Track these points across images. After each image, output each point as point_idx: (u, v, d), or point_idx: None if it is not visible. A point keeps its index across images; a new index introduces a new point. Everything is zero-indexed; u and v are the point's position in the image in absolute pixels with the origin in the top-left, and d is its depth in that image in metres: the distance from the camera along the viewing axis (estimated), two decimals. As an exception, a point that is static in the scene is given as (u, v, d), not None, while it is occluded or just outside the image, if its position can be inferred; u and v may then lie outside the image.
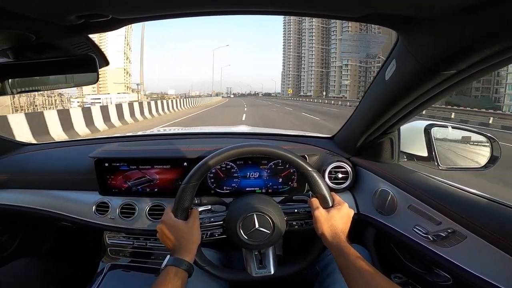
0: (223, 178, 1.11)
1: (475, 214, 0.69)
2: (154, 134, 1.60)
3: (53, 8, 0.47)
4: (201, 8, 0.54)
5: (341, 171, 1.09)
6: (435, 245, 0.76)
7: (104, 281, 1.07)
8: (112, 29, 0.59)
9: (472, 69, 0.56)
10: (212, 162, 0.79)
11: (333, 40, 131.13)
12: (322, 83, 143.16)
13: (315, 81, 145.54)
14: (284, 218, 0.82)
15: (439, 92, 0.68)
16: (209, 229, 0.82)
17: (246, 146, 0.80)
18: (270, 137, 1.41)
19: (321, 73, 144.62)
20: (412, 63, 0.63)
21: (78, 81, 0.70)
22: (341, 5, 0.51)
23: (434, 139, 0.99)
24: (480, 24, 0.46)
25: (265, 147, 0.81)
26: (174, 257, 0.70)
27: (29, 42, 0.59)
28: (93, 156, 1.10)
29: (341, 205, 0.78)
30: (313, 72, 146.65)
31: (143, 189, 1.12)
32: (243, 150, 0.80)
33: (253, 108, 25.59)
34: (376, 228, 1.02)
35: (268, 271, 0.81)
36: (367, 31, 27.40)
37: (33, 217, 1.20)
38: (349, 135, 1.14)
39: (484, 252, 0.64)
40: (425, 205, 0.80)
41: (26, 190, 1.19)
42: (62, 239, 1.53)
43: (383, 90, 0.81)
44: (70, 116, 8.48)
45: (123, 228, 1.11)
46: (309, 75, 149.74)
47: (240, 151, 0.80)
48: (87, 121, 9.18)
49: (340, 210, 0.77)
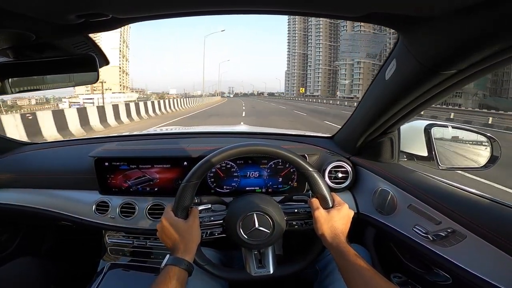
0: (223, 178, 1.11)
1: (475, 213, 0.69)
2: (154, 133, 1.60)
3: (53, 8, 0.47)
4: (202, 8, 0.54)
5: (341, 171, 1.09)
6: (435, 244, 0.76)
7: (104, 281, 1.07)
8: (112, 28, 0.59)
9: (472, 69, 0.56)
10: (213, 161, 0.79)
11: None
12: (330, 82, 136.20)
13: (322, 80, 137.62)
14: (284, 218, 0.83)
15: (439, 92, 0.68)
16: (209, 228, 0.82)
17: (247, 145, 0.80)
18: (270, 136, 1.41)
19: (329, 72, 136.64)
20: (412, 63, 0.63)
21: (78, 80, 0.70)
22: (342, 5, 0.51)
23: (434, 138, 0.99)
24: (480, 24, 0.46)
25: (266, 147, 0.81)
26: (174, 257, 0.70)
27: (29, 42, 0.59)
28: (93, 156, 1.10)
29: (341, 206, 0.78)
30: (320, 71, 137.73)
31: (143, 189, 1.12)
32: (243, 150, 0.80)
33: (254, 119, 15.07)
34: (376, 228, 1.02)
35: (268, 271, 0.81)
36: (380, 30, 25.78)
37: (33, 216, 1.20)
38: (349, 134, 1.14)
39: (484, 252, 0.64)
40: (425, 204, 0.80)
41: (26, 189, 1.19)
42: (62, 238, 1.53)
43: (383, 90, 0.81)
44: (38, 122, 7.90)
45: (123, 228, 1.12)
46: (316, 74, 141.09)
47: (240, 150, 0.80)
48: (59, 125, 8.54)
49: (340, 211, 0.77)
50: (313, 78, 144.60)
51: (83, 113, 9.95)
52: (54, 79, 0.68)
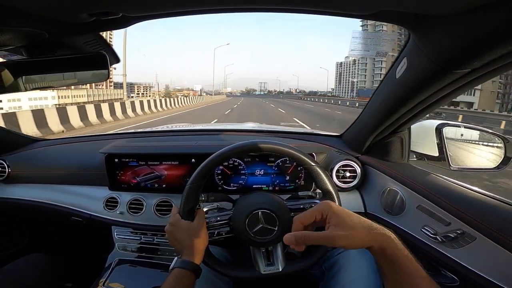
0: (230, 175, 1.12)
1: (485, 215, 0.67)
2: (162, 130, 1.61)
3: (65, 7, 0.48)
4: (211, 6, 0.54)
5: (349, 170, 1.08)
6: (444, 246, 0.75)
7: (111, 276, 1.09)
8: (123, 26, 0.59)
9: (486, 68, 0.55)
10: (216, 161, 0.79)
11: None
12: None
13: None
14: (291, 214, 0.82)
15: (451, 91, 0.66)
16: (216, 228, 0.82)
17: (249, 143, 0.80)
18: (278, 134, 1.40)
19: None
20: (424, 61, 0.61)
21: (89, 78, 0.71)
22: (352, 3, 0.51)
23: (446, 138, 0.97)
24: (493, 22, 0.44)
25: (268, 144, 0.81)
26: (182, 259, 0.70)
27: (42, 40, 0.60)
28: (104, 152, 1.12)
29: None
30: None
31: (151, 185, 1.13)
32: (246, 148, 0.80)
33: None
34: None
35: (277, 268, 0.81)
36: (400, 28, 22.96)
37: (44, 211, 1.23)
38: (358, 133, 1.13)
39: (494, 254, 0.63)
40: (435, 205, 0.79)
41: (38, 185, 1.22)
42: (71, 234, 1.56)
43: (394, 89, 0.79)
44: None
45: (131, 224, 1.13)
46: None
47: (243, 149, 0.80)
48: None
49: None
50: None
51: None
52: (66, 76, 0.69)
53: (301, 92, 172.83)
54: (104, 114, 11.11)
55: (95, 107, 10.80)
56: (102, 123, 10.61)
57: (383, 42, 0.97)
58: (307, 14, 0.57)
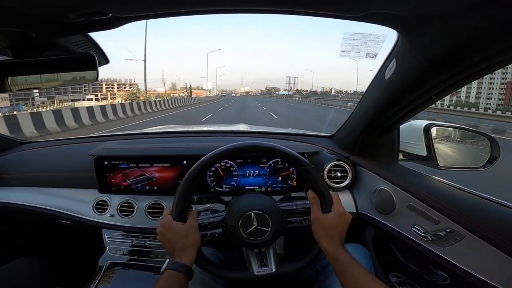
0: (222, 177, 1.11)
1: (473, 214, 0.69)
2: (153, 132, 1.60)
3: (53, 7, 0.47)
4: (201, 7, 0.54)
5: (341, 170, 1.09)
6: (434, 244, 0.76)
7: (103, 279, 1.07)
8: (112, 27, 0.59)
9: (471, 69, 0.56)
10: (208, 162, 0.79)
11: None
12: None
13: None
14: (283, 215, 0.82)
15: (439, 91, 0.68)
16: (209, 230, 0.81)
17: (242, 144, 0.80)
18: (270, 135, 1.40)
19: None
20: (412, 62, 0.63)
21: (78, 79, 0.70)
22: (343, 5, 0.51)
23: (434, 138, 0.99)
24: (480, 23, 0.46)
25: (260, 144, 0.81)
26: (174, 261, 0.70)
27: (29, 40, 0.59)
28: (92, 154, 1.10)
29: (339, 211, 0.75)
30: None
31: (142, 187, 1.12)
32: (238, 148, 0.80)
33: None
34: (375, 227, 1.02)
35: (270, 269, 0.81)
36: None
37: (32, 215, 1.20)
38: (348, 134, 1.14)
39: (482, 252, 0.64)
40: (424, 204, 0.80)
41: (25, 188, 1.19)
42: (62, 237, 1.53)
43: (383, 90, 0.81)
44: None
45: (122, 226, 1.12)
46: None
47: (235, 149, 0.80)
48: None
49: (337, 216, 0.74)
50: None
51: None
52: (54, 77, 0.68)
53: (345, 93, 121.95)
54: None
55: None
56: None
57: (373, 44, 0.99)
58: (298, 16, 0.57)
